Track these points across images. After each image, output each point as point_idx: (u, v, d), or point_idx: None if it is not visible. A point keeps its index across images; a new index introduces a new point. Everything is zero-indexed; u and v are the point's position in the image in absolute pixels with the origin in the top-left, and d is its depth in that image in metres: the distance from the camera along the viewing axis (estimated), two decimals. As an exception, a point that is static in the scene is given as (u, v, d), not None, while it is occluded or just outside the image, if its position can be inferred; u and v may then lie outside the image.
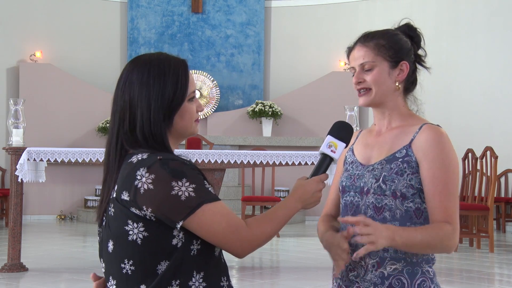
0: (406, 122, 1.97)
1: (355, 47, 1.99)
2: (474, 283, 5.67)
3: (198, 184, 1.59)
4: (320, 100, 11.26)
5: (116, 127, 1.70)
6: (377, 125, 2.04)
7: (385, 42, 1.95)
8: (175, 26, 11.65)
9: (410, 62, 1.97)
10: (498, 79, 10.15)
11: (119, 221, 1.63)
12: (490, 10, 10.30)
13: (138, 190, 1.58)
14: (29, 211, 10.40)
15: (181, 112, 1.69)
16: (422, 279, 1.88)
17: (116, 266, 1.66)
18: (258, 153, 6.00)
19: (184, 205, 1.57)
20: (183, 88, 1.68)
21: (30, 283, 5.41)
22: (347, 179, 2.01)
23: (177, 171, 1.58)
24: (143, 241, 1.61)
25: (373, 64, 1.94)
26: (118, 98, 1.71)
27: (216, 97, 11.36)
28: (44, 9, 11.11)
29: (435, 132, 1.89)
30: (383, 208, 1.89)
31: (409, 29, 2.02)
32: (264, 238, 1.64)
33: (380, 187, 1.89)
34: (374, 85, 1.94)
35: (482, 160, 7.75)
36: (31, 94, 10.39)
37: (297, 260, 6.90)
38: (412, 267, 1.88)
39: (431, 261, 1.92)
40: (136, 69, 1.69)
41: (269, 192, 10.10)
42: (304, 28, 11.71)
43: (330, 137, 1.81)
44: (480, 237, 7.77)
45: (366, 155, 2.00)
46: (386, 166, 1.91)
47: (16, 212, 5.79)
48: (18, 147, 5.81)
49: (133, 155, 1.65)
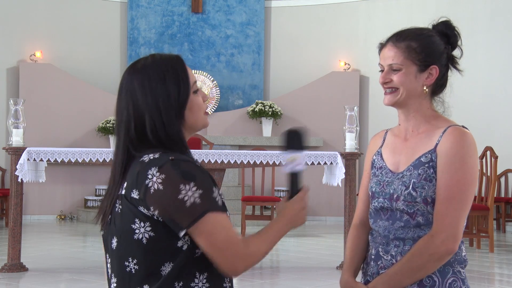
0: (431, 125, 1.95)
1: (387, 45, 1.96)
2: (474, 283, 5.67)
3: (205, 190, 1.58)
4: (320, 100, 11.25)
5: (123, 137, 1.69)
6: (402, 127, 2.01)
7: (417, 45, 1.92)
8: (175, 26, 11.65)
9: (441, 65, 1.94)
10: (498, 79, 10.15)
11: (126, 219, 1.63)
12: (490, 10, 10.30)
13: (149, 189, 1.58)
14: (29, 211, 10.40)
15: (189, 106, 1.70)
16: (453, 278, 1.88)
17: (118, 263, 1.66)
18: (258, 153, 6.00)
19: (188, 212, 1.56)
20: (185, 84, 1.69)
21: (30, 283, 5.41)
22: (376, 185, 2.00)
23: (187, 173, 1.58)
24: (148, 240, 1.60)
25: (401, 67, 1.92)
26: (122, 108, 1.70)
27: (216, 97, 11.36)
28: (44, 9, 11.10)
29: (459, 135, 1.87)
30: (415, 213, 1.89)
31: (446, 27, 1.97)
32: (258, 257, 1.63)
33: (411, 195, 1.89)
34: (401, 86, 1.92)
35: (482, 160, 7.75)
36: (31, 94, 10.38)
37: (297, 260, 6.89)
38: (444, 265, 1.87)
39: (463, 262, 1.91)
40: (135, 77, 1.69)
41: (269, 192, 10.10)
42: (304, 28, 11.71)
43: (288, 153, 1.77)
44: (480, 237, 7.77)
45: (395, 160, 1.99)
46: (414, 172, 1.90)
47: (16, 212, 5.79)
48: (18, 147, 5.80)
49: (145, 154, 1.65)
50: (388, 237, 1.93)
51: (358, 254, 2.04)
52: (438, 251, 1.82)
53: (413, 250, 1.85)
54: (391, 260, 1.90)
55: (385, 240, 1.93)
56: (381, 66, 1.97)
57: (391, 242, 1.92)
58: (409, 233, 1.90)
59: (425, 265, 1.83)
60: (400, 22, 10.47)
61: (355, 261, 2.03)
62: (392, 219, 1.93)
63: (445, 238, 1.82)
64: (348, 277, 1.99)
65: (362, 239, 2.05)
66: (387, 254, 1.92)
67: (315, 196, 10.92)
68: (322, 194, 10.77)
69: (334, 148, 10.39)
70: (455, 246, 1.83)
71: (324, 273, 5.95)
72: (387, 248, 1.92)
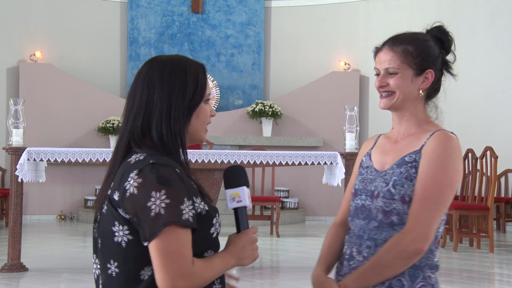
0: (421, 129, 1.96)
1: (383, 49, 1.98)
2: (474, 283, 5.67)
3: (174, 200, 1.54)
4: (320, 100, 11.25)
5: (130, 124, 1.68)
6: (395, 130, 2.03)
7: (413, 49, 1.93)
8: (175, 26, 11.65)
9: (436, 70, 1.96)
10: (498, 79, 10.15)
11: (108, 221, 1.62)
12: (490, 10, 10.30)
13: (125, 192, 1.57)
14: (29, 211, 10.40)
15: (197, 112, 1.69)
16: (423, 283, 1.87)
17: (103, 264, 1.65)
18: (258, 153, 6.00)
19: (151, 224, 1.53)
20: (202, 88, 1.69)
21: (30, 283, 5.41)
22: (360, 182, 2.01)
23: (163, 178, 1.55)
24: (127, 244, 1.59)
25: (397, 71, 1.93)
26: (136, 95, 1.68)
27: (216, 97, 11.36)
28: (44, 9, 11.10)
29: (444, 138, 1.89)
30: (391, 212, 1.89)
31: (440, 32, 1.99)
32: (201, 280, 1.57)
33: (390, 191, 1.90)
34: (397, 89, 1.94)
35: (482, 160, 7.75)
36: (31, 94, 10.39)
37: (297, 260, 6.89)
38: (414, 269, 1.87)
39: (435, 267, 1.91)
40: (157, 68, 1.68)
41: (269, 192, 10.10)
42: (304, 28, 11.71)
43: (228, 192, 1.75)
44: (480, 237, 7.77)
45: (382, 161, 2.00)
46: (397, 170, 1.91)
47: (16, 212, 5.79)
48: (18, 147, 5.80)
49: (134, 153, 1.65)
50: (362, 237, 1.94)
51: (333, 252, 2.05)
52: (407, 249, 1.81)
53: (383, 247, 1.85)
54: (363, 261, 1.90)
55: (359, 240, 1.94)
56: (377, 70, 1.99)
57: (364, 243, 1.92)
58: (382, 234, 1.90)
59: (393, 263, 1.83)
60: (400, 22, 10.52)
61: (329, 258, 2.05)
62: (368, 219, 1.94)
63: (415, 237, 1.81)
64: (320, 271, 2.01)
65: (340, 237, 2.06)
66: (360, 255, 1.92)
67: (315, 196, 10.93)
68: (322, 194, 10.77)
69: (334, 148, 10.39)
70: (424, 246, 1.82)
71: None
72: (360, 248, 1.93)
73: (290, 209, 10.68)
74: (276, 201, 8.63)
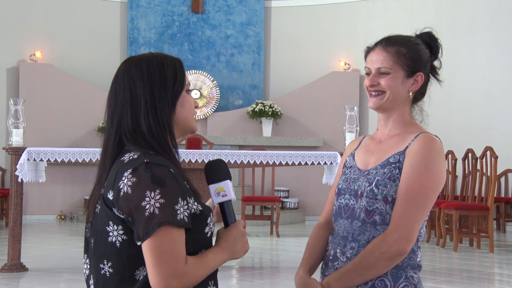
0: (406, 130, 1.98)
1: (375, 49, 1.99)
2: (474, 283, 5.67)
3: (168, 200, 1.54)
4: (320, 100, 11.26)
5: (116, 122, 1.68)
6: (380, 131, 2.05)
7: (406, 50, 1.96)
8: (175, 26, 11.65)
9: (425, 73, 1.99)
10: (498, 79, 10.15)
11: (101, 220, 1.62)
12: (490, 10, 10.30)
13: (120, 191, 1.57)
14: (29, 211, 10.40)
15: (182, 101, 1.70)
16: (405, 283, 1.88)
17: (95, 265, 1.65)
18: (258, 153, 6.00)
19: (145, 224, 1.52)
20: (182, 77, 1.71)
21: (30, 283, 5.41)
22: (344, 182, 2.03)
23: (157, 178, 1.55)
24: (121, 244, 1.58)
25: (390, 71, 1.95)
26: (117, 93, 1.68)
27: (216, 97, 11.35)
28: (44, 9, 11.11)
29: (428, 141, 1.90)
30: (373, 211, 1.90)
31: (430, 38, 2.02)
32: (194, 279, 1.57)
33: (372, 191, 1.91)
34: (388, 90, 1.96)
35: (482, 160, 7.74)
36: (31, 94, 10.39)
37: (297, 260, 6.86)
38: (396, 270, 1.88)
39: (417, 267, 1.93)
40: (134, 65, 1.70)
41: (269, 192, 10.10)
42: (304, 28, 11.71)
43: (211, 187, 1.75)
44: (480, 237, 7.77)
45: (365, 160, 2.02)
46: (380, 170, 1.93)
47: (16, 212, 5.79)
48: (18, 147, 5.80)
49: (127, 152, 1.64)
50: (346, 238, 1.95)
51: (316, 253, 2.06)
52: (390, 250, 1.83)
53: (366, 248, 1.87)
54: (347, 261, 1.92)
55: (343, 241, 1.96)
56: (368, 70, 2.00)
57: (348, 244, 1.93)
58: (365, 234, 1.91)
59: (375, 264, 1.84)
60: (400, 22, 10.53)
61: (312, 258, 2.06)
62: (351, 218, 1.95)
63: (397, 238, 1.83)
64: (302, 273, 2.03)
65: (323, 238, 2.07)
66: (343, 256, 1.94)
67: (315, 196, 10.93)
68: (322, 194, 10.76)
69: (334, 148, 10.39)
70: (407, 248, 1.84)
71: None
72: (343, 249, 1.94)
73: (290, 209, 10.68)
74: (276, 201, 8.63)
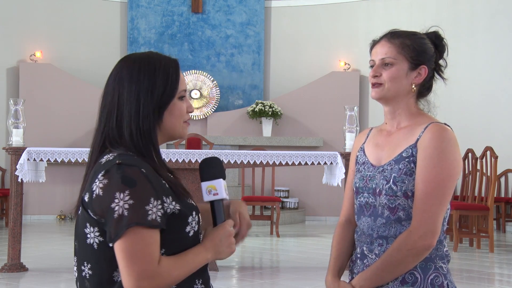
0: (414, 121, 1.98)
1: (380, 42, 2.02)
2: (474, 283, 5.67)
3: (138, 200, 1.52)
4: (320, 100, 11.26)
5: (103, 124, 1.68)
6: (388, 125, 2.05)
7: (411, 42, 1.97)
8: (175, 26, 11.65)
9: (429, 68, 1.99)
10: (498, 79, 10.15)
11: (81, 222, 1.62)
12: (490, 10, 10.30)
13: (93, 193, 1.56)
14: (29, 211, 10.40)
15: (170, 109, 1.67)
16: (436, 274, 1.89)
17: (78, 267, 1.65)
18: (258, 153, 6.00)
19: (114, 226, 1.51)
20: (173, 85, 1.67)
21: (30, 283, 5.41)
22: (360, 180, 2.03)
23: (127, 178, 1.53)
24: (99, 246, 1.58)
25: (393, 61, 1.96)
26: (107, 94, 1.69)
27: (216, 97, 11.36)
28: (44, 9, 11.11)
29: (438, 130, 1.90)
30: (396, 208, 1.91)
31: (436, 37, 2.04)
32: (167, 280, 1.55)
33: (392, 189, 1.91)
34: (389, 82, 1.96)
35: (482, 160, 7.74)
36: (31, 94, 10.39)
37: (297, 260, 6.89)
38: (425, 262, 1.89)
39: (445, 257, 1.94)
40: (126, 66, 1.68)
41: (269, 192, 10.10)
42: (304, 28, 11.71)
43: (203, 184, 1.73)
44: (480, 237, 7.77)
45: (377, 155, 2.02)
46: (395, 166, 1.93)
47: (16, 212, 5.79)
48: (18, 147, 5.80)
49: (106, 154, 1.63)
50: (372, 236, 1.96)
51: (343, 253, 2.08)
52: (416, 246, 1.84)
53: (392, 246, 1.88)
54: (375, 258, 1.93)
55: (369, 239, 1.96)
56: (373, 62, 2.01)
57: (375, 241, 1.94)
58: (391, 231, 1.92)
59: (404, 260, 1.85)
60: (400, 22, 10.51)
61: (339, 260, 2.08)
62: (374, 215, 1.96)
63: (422, 234, 1.84)
64: (331, 278, 2.05)
65: (348, 237, 2.08)
66: (372, 253, 1.94)
67: (315, 196, 10.93)
68: (322, 194, 10.77)
69: (334, 148, 10.39)
70: (433, 241, 1.85)
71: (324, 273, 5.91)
72: (371, 247, 1.95)
73: (290, 209, 10.68)
74: (276, 201, 8.63)
